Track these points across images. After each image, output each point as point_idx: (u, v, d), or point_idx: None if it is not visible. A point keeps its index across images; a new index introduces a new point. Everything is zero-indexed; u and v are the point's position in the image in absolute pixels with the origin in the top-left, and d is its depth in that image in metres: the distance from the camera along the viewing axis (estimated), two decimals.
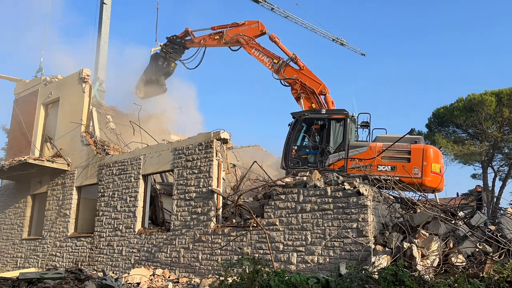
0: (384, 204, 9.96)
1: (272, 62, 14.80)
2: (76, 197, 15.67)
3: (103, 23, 20.10)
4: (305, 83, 14.17)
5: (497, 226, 9.37)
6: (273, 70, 14.74)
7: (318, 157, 12.09)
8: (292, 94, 14.45)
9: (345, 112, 12.35)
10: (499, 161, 28.52)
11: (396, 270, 6.61)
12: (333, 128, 12.20)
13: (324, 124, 12.30)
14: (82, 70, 16.66)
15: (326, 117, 12.35)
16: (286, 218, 10.05)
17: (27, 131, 18.11)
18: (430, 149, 11.41)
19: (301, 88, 14.20)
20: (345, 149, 11.81)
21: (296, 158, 12.35)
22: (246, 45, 15.44)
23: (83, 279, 10.09)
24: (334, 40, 36.42)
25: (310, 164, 12.04)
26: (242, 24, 15.68)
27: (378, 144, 11.50)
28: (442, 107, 28.07)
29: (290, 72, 14.52)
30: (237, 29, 15.79)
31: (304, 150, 12.51)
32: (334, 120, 12.23)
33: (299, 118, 12.53)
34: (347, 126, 12.10)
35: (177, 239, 11.91)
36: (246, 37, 15.44)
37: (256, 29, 15.42)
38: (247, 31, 15.56)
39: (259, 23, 15.41)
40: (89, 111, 16.24)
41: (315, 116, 12.60)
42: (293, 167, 12.03)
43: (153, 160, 13.27)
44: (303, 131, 12.63)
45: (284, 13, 33.36)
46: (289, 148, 12.37)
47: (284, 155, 12.44)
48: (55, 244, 15.53)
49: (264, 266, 7.26)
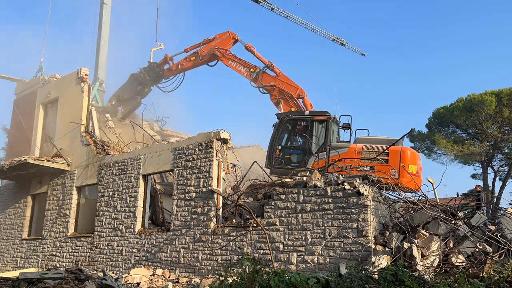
0: (384, 204, 9.96)
1: (249, 71, 15.26)
2: (76, 197, 15.66)
3: (103, 23, 20.10)
4: (282, 88, 14.64)
5: (497, 226, 9.37)
6: (251, 79, 15.22)
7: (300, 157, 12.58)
8: (272, 101, 14.93)
9: (327, 114, 12.75)
10: (499, 161, 28.52)
11: (396, 270, 6.61)
12: (315, 129, 12.63)
13: (307, 125, 12.76)
14: (80, 69, 16.64)
15: (309, 119, 12.81)
16: (286, 218, 10.05)
17: (27, 131, 18.11)
18: (407, 151, 11.79)
19: (279, 93, 14.68)
20: (326, 149, 12.28)
21: (280, 157, 12.78)
22: (223, 57, 15.82)
23: (83, 279, 10.09)
24: (334, 40, 36.45)
25: (293, 164, 12.45)
26: (214, 39, 16.13)
27: (358, 145, 11.95)
28: (442, 107, 28.07)
29: (267, 79, 15.00)
30: (209, 44, 16.21)
31: (287, 150, 12.94)
32: (317, 122, 12.68)
33: (283, 119, 12.96)
34: (329, 128, 12.53)
35: (177, 239, 11.91)
36: (222, 49, 15.77)
37: (228, 40, 15.85)
38: (220, 43, 15.97)
39: (229, 32, 15.85)
40: (89, 110, 16.24)
41: (298, 118, 13.03)
42: (277, 166, 12.52)
43: (153, 160, 13.27)
44: (287, 132, 13.07)
45: (284, 13, 33.40)
46: (273, 148, 12.82)
47: (268, 155, 12.90)
48: (55, 244, 15.53)
49: (264, 266, 7.26)
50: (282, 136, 13.03)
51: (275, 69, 15.02)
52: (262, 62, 15.28)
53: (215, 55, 16.01)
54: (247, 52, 15.75)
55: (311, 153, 12.43)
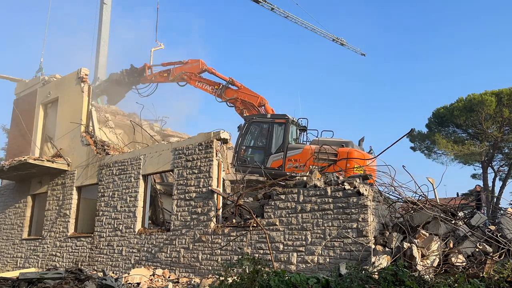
0: (384, 204, 9.96)
1: (214, 88, 16.58)
2: (76, 197, 15.66)
3: (103, 23, 20.12)
4: (244, 99, 15.87)
5: (497, 226, 9.36)
6: (216, 95, 16.50)
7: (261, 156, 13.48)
8: (237, 111, 16.02)
9: (285, 117, 13.73)
10: (499, 161, 28.51)
11: (396, 270, 6.61)
12: (275, 131, 13.62)
13: (268, 127, 13.78)
14: (80, 69, 16.64)
15: (270, 121, 13.82)
16: (286, 218, 10.05)
17: (27, 131, 18.11)
18: (354, 152, 12.52)
19: (242, 104, 15.87)
20: (284, 150, 13.17)
21: (244, 157, 13.72)
22: (190, 80, 17.26)
23: (83, 279, 10.08)
24: (334, 40, 36.49)
25: (255, 163, 13.28)
26: (186, 63, 17.54)
27: (312, 147, 12.80)
28: (442, 107, 28.06)
29: (230, 93, 16.31)
30: (182, 67, 17.59)
31: (250, 150, 13.95)
32: (277, 124, 13.66)
33: (248, 121, 14.05)
34: (288, 130, 13.47)
35: (177, 239, 11.91)
36: (189, 73, 17.19)
37: (197, 67, 17.27)
38: (190, 68, 17.36)
39: (200, 61, 17.26)
40: (89, 111, 16.23)
41: (261, 120, 14.09)
42: (241, 165, 13.38)
43: (153, 160, 13.27)
44: (251, 133, 14.03)
45: (284, 13, 33.42)
46: (239, 147, 13.78)
47: (234, 154, 13.92)
48: (55, 244, 15.53)
49: (264, 266, 7.26)
50: (247, 137, 14.00)
51: (236, 83, 16.28)
52: (223, 80, 16.63)
53: (183, 78, 17.50)
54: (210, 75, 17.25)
55: (270, 153, 13.38)
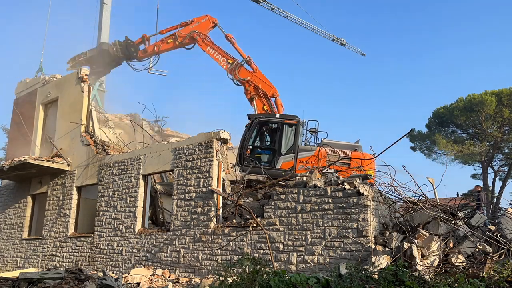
0: (384, 204, 9.96)
1: (227, 62, 15.25)
2: (76, 197, 15.66)
3: (103, 23, 20.10)
4: (258, 85, 14.92)
5: (497, 226, 9.36)
6: (228, 69, 15.26)
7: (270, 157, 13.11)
8: (246, 95, 15.08)
9: (296, 118, 13.30)
10: (499, 161, 28.54)
11: (396, 270, 6.60)
12: (285, 131, 13.15)
13: (277, 127, 13.24)
14: (80, 69, 16.62)
15: (279, 121, 13.28)
16: (286, 218, 10.05)
17: (27, 131, 18.10)
18: (367, 156, 12.67)
19: (254, 90, 14.91)
20: (295, 151, 12.91)
21: (250, 157, 13.20)
22: (202, 43, 15.68)
23: (83, 279, 10.08)
24: (334, 40, 36.51)
25: (263, 163, 12.91)
26: (192, 22, 15.89)
27: (323, 149, 12.73)
28: (442, 107, 28.09)
29: (244, 73, 15.11)
30: (188, 27, 15.93)
31: (257, 150, 13.53)
32: (287, 125, 13.21)
33: (254, 120, 13.38)
34: (298, 131, 13.17)
35: (177, 239, 11.91)
36: (202, 34, 15.60)
37: (207, 23, 15.71)
38: (199, 27, 15.75)
39: (208, 16, 15.67)
40: (89, 111, 16.23)
41: (269, 120, 13.54)
42: (247, 165, 12.86)
43: (153, 160, 13.27)
44: (258, 132, 13.57)
45: (284, 13, 33.43)
46: (244, 147, 13.25)
47: (239, 154, 13.33)
48: (55, 244, 15.53)
49: (264, 266, 7.26)
50: (253, 137, 13.54)
51: (252, 65, 15.15)
52: (241, 55, 15.30)
53: (193, 39, 15.84)
54: (227, 42, 15.66)
55: (280, 154, 13.00)
